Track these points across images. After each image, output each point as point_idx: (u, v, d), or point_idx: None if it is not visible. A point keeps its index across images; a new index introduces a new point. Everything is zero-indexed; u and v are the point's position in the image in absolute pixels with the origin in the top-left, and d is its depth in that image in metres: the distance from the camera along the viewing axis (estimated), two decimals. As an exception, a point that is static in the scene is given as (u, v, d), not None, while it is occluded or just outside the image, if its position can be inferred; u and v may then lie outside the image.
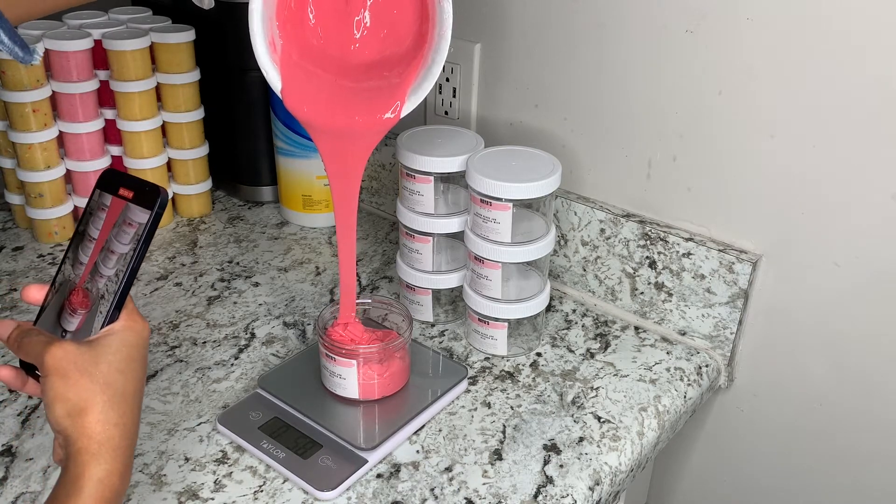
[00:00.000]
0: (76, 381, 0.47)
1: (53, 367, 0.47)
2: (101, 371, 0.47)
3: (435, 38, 0.59)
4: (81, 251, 0.52)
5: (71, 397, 0.46)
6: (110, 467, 0.46)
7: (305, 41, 0.62)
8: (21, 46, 0.40)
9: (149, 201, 0.49)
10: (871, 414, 0.73)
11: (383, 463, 0.65)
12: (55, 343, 0.48)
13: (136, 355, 0.50)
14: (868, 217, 0.67)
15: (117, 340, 0.49)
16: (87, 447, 0.46)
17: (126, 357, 0.49)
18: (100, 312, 0.50)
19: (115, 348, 0.49)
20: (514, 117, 0.88)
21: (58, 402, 0.46)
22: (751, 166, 0.72)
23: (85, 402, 0.46)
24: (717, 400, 0.83)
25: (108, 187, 0.52)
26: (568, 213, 0.85)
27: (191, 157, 1.01)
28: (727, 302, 0.76)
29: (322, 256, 0.95)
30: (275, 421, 0.67)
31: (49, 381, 0.47)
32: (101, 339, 0.49)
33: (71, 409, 0.46)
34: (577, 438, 0.67)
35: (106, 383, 0.47)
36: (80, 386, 0.47)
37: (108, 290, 0.50)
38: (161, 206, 0.49)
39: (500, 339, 0.77)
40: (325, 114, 0.61)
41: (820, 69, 0.65)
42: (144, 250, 0.50)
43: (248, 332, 0.80)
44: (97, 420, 0.46)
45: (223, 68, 1.00)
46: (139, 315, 0.52)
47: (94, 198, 0.52)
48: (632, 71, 0.76)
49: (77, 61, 0.90)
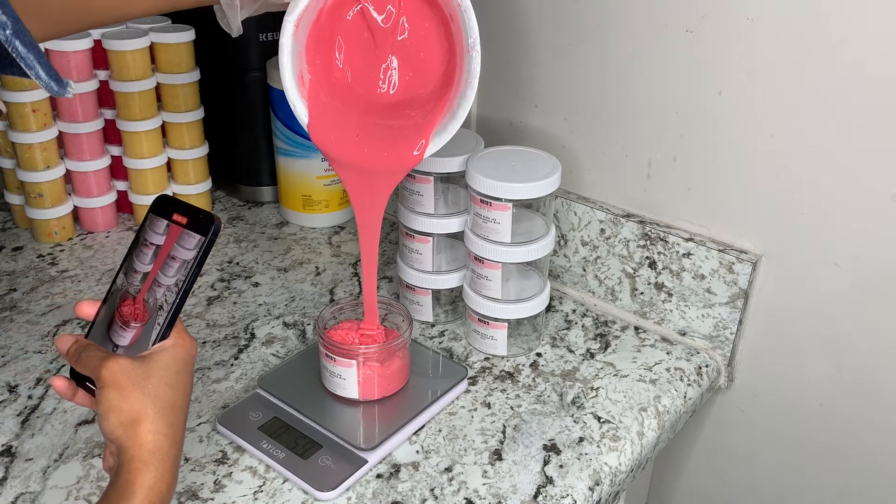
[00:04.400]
0: (129, 393, 0.49)
1: (109, 379, 0.49)
2: (152, 385, 0.50)
3: (462, 84, 0.59)
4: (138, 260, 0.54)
5: (125, 408, 0.49)
6: (159, 474, 0.48)
7: (333, 77, 0.62)
8: (55, 80, 0.41)
9: (204, 229, 0.52)
10: (870, 414, 0.73)
11: (383, 463, 0.65)
12: (111, 358, 0.50)
13: (185, 370, 0.53)
14: (868, 217, 0.67)
15: (168, 357, 0.52)
16: (138, 455, 0.48)
17: (176, 372, 0.52)
18: (157, 325, 0.53)
19: (166, 364, 0.52)
20: (514, 117, 0.88)
21: (112, 413, 0.49)
22: (751, 166, 0.72)
23: (137, 413, 0.49)
24: (717, 400, 0.83)
25: (161, 213, 0.54)
26: (568, 213, 0.85)
27: (191, 157, 1.01)
28: (727, 302, 0.76)
29: (322, 256, 0.95)
30: (275, 421, 0.67)
31: (104, 393, 0.49)
32: (153, 355, 0.52)
33: (125, 420, 0.49)
34: (577, 438, 0.67)
35: (156, 396, 0.50)
36: (134, 398, 0.49)
37: (165, 302, 0.53)
38: (214, 233, 0.52)
39: (500, 339, 0.76)
40: (350, 149, 0.62)
41: (820, 69, 0.65)
42: (198, 271, 0.53)
43: (248, 333, 0.80)
44: (148, 430, 0.49)
45: (223, 68, 1.00)
46: (187, 334, 0.54)
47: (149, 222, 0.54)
48: (632, 71, 0.76)
49: (77, 61, 0.90)
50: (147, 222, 0.55)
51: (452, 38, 0.60)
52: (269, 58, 0.97)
